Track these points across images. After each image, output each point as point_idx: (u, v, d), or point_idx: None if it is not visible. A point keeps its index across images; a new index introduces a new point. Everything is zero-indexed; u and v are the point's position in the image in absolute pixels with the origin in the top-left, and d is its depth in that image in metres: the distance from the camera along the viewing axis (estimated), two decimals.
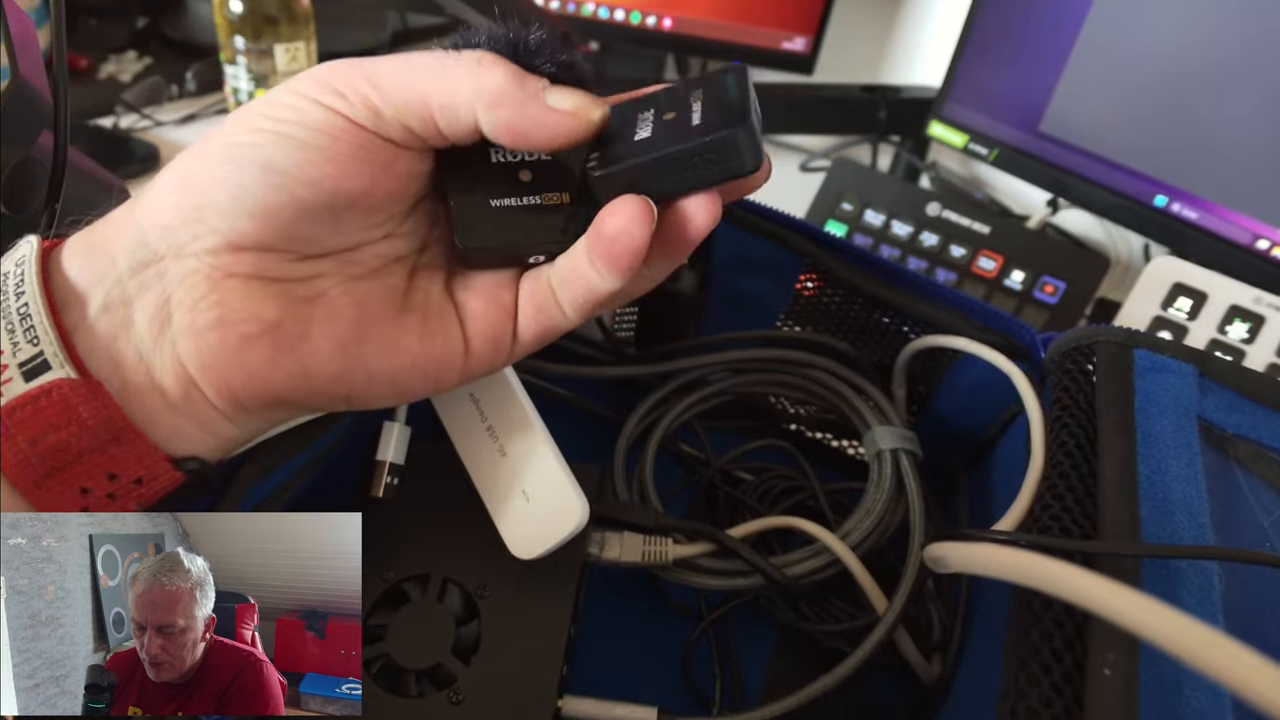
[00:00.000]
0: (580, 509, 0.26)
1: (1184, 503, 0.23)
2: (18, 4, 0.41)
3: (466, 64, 0.20)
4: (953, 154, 0.69)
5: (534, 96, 0.20)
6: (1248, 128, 0.49)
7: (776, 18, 0.73)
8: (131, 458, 0.20)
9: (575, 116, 0.21)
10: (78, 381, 0.19)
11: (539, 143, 0.21)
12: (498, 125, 0.20)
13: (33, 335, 0.19)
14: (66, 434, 0.19)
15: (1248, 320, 0.47)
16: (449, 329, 0.23)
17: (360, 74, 0.20)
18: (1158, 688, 0.19)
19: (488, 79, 0.20)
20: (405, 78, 0.20)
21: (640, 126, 0.22)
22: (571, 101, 0.21)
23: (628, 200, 0.21)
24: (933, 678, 0.30)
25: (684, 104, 0.22)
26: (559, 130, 0.21)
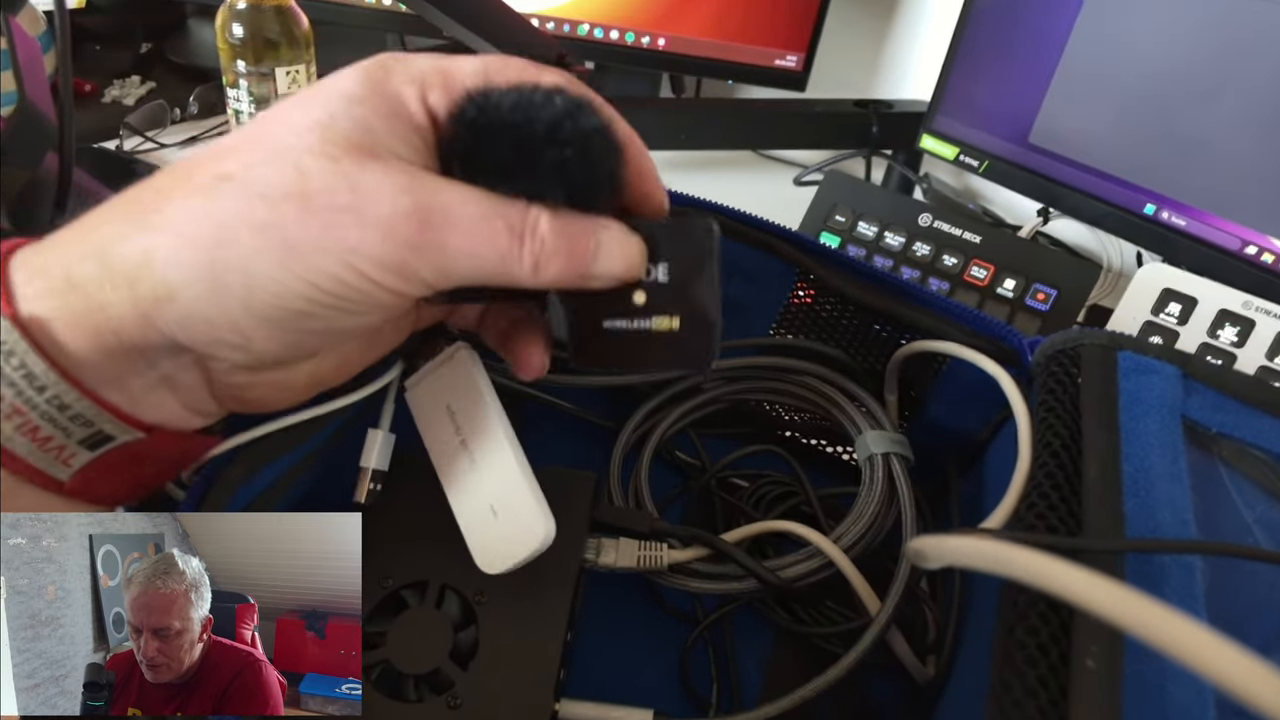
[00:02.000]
0: (543, 529, 0.26)
1: (1167, 499, 0.24)
2: (25, 30, 0.42)
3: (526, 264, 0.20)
4: (945, 166, 0.70)
5: (582, 275, 0.21)
6: (1233, 135, 0.50)
7: (769, 36, 0.74)
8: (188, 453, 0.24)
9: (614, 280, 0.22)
10: (148, 439, 0.21)
11: None
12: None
13: (82, 420, 0.20)
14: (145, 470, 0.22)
15: (1237, 324, 0.47)
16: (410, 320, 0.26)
17: (430, 270, 0.20)
18: (1141, 681, 0.19)
19: (545, 278, 0.21)
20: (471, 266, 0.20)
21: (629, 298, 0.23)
22: (615, 273, 0.22)
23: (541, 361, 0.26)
24: (926, 678, 0.30)
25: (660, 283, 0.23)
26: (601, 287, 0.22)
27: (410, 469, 0.30)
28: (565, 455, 0.41)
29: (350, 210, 0.19)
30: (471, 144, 0.20)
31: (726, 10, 0.73)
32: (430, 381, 0.29)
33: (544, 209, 0.20)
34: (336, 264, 0.19)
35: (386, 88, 0.20)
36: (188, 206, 0.19)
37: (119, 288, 0.19)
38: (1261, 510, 0.25)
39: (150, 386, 0.21)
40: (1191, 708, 0.19)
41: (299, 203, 0.18)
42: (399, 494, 0.30)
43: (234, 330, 0.19)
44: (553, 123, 0.20)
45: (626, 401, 0.40)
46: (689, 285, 0.23)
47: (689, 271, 0.23)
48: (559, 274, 0.21)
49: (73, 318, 0.19)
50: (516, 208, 0.20)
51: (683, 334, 0.23)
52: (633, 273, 0.22)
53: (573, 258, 0.21)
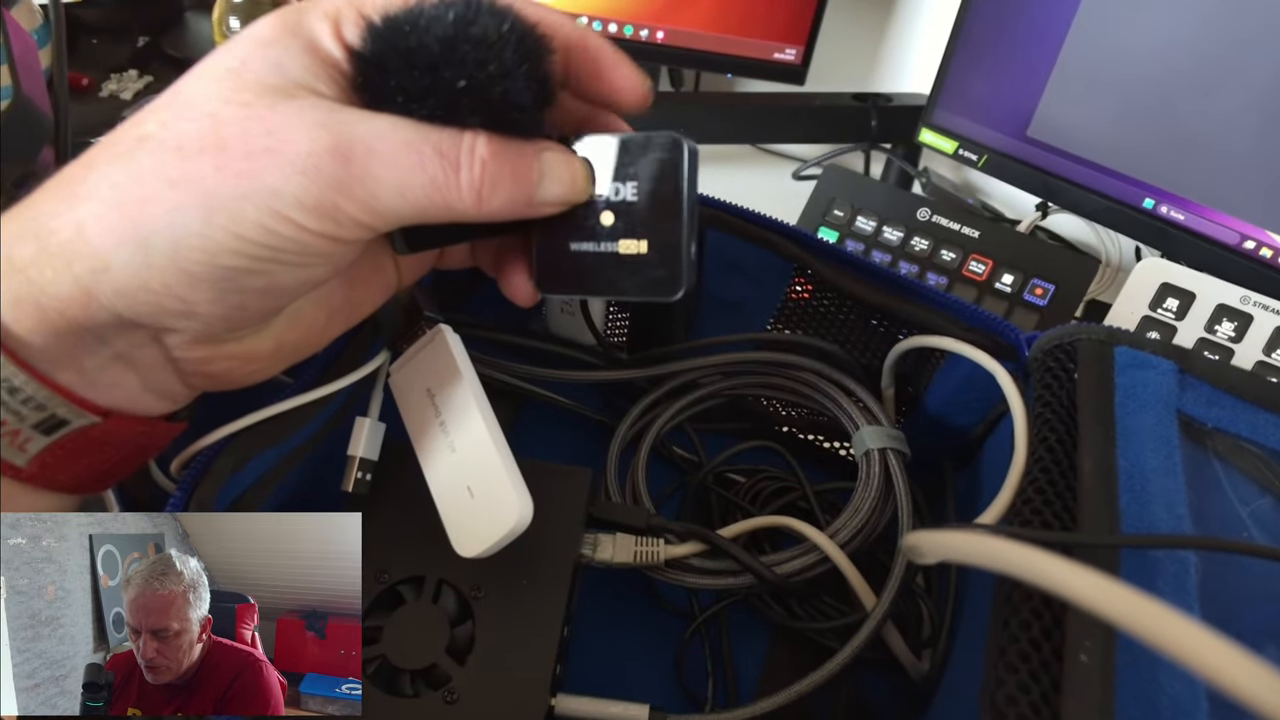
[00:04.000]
0: (519, 507, 0.26)
1: (1162, 494, 0.24)
2: (20, 24, 0.42)
3: (467, 193, 0.20)
4: (944, 160, 0.70)
5: (527, 203, 0.21)
6: (1232, 129, 0.50)
7: (767, 29, 0.74)
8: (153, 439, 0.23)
9: (561, 204, 0.22)
10: (105, 423, 0.21)
11: None
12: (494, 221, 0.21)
13: (34, 404, 0.19)
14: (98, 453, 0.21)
15: (1235, 319, 0.47)
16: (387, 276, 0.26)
17: (356, 205, 0.19)
18: (1134, 674, 0.20)
19: (490, 208, 0.20)
20: (404, 204, 0.19)
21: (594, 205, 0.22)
22: (562, 189, 0.22)
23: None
24: (922, 674, 0.30)
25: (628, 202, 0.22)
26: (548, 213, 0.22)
27: (403, 459, 0.30)
28: (562, 451, 0.41)
29: (267, 153, 0.18)
30: (375, 72, 0.19)
31: (725, 3, 0.73)
32: (412, 365, 0.29)
33: (480, 133, 0.20)
34: (259, 210, 0.18)
35: (299, 27, 0.20)
36: (110, 173, 0.18)
37: (56, 266, 0.18)
38: (1255, 505, 0.26)
39: (105, 365, 0.20)
40: (1184, 701, 0.19)
41: (214, 152, 0.18)
42: (393, 486, 0.30)
43: (172, 296, 0.19)
44: (446, 35, 0.18)
45: (623, 397, 0.40)
46: (657, 205, 0.22)
47: (657, 190, 0.22)
48: (505, 201, 0.20)
49: (16, 300, 0.18)
50: (448, 134, 0.19)
51: (650, 257, 0.22)
52: (578, 195, 0.22)
53: (518, 183, 0.20)
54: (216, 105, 0.18)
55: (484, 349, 0.40)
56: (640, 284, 0.22)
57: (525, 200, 0.21)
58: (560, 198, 0.22)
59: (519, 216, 0.21)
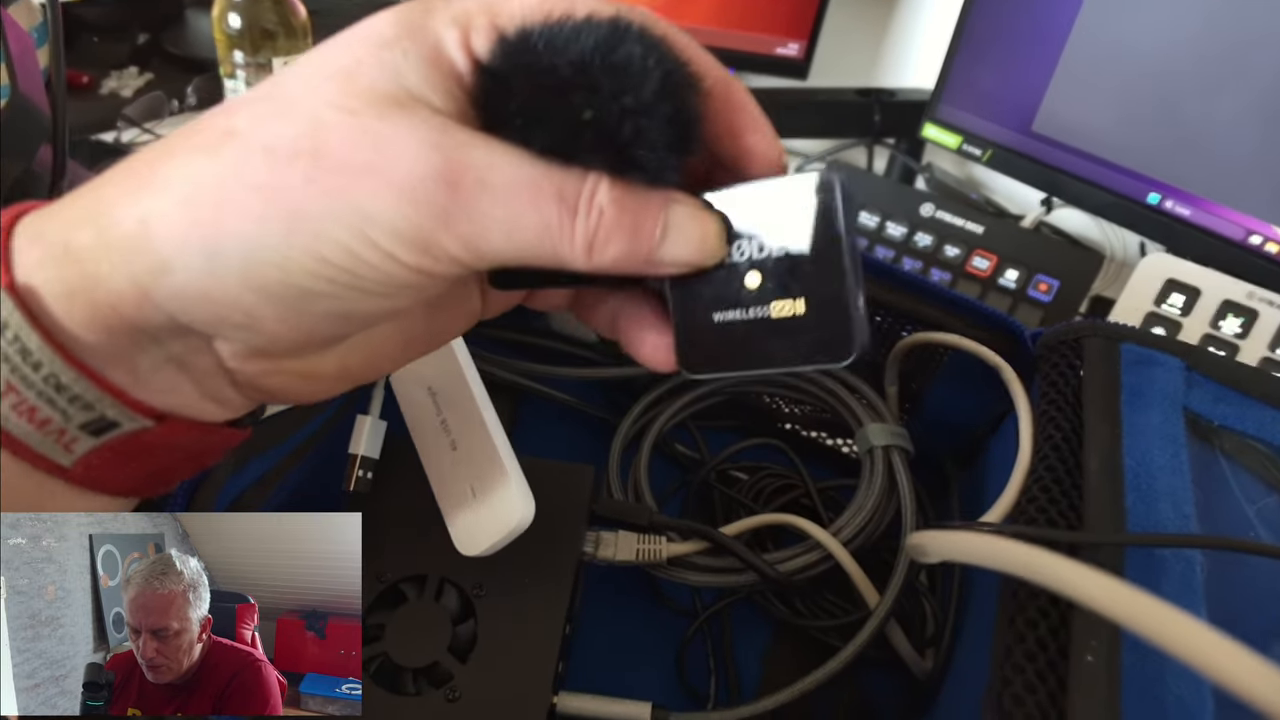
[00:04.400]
0: (521, 506, 0.25)
1: (1168, 492, 0.23)
2: (18, 22, 0.42)
3: (579, 243, 0.17)
4: (948, 155, 0.70)
5: (648, 261, 0.18)
6: (1238, 124, 0.49)
7: (770, 24, 0.73)
8: (210, 445, 0.21)
9: (691, 266, 0.19)
10: (159, 428, 0.19)
11: None
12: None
13: (82, 403, 0.18)
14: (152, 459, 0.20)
15: (1240, 315, 0.47)
16: (472, 305, 0.23)
17: (458, 242, 0.17)
18: (1140, 674, 0.19)
19: (602, 261, 0.18)
20: (509, 240, 0.17)
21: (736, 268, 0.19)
22: (687, 258, 0.19)
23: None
24: (925, 672, 0.30)
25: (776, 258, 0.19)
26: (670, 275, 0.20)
27: (405, 457, 0.30)
28: (564, 448, 0.41)
29: (367, 171, 0.16)
30: (498, 90, 0.17)
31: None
32: (413, 364, 0.29)
33: (604, 176, 0.17)
34: (348, 234, 0.16)
35: (424, 30, 0.17)
36: (188, 166, 0.17)
37: (114, 260, 0.17)
38: (1262, 503, 0.25)
39: (158, 366, 0.19)
40: (1190, 702, 0.19)
41: (308, 161, 0.16)
42: (395, 484, 0.30)
43: (237, 309, 0.17)
44: (582, 58, 0.16)
45: (625, 394, 0.40)
46: (812, 257, 0.19)
47: (811, 239, 0.19)
48: (618, 256, 0.18)
49: (69, 290, 0.17)
50: (570, 174, 0.17)
51: (810, 318, 0.19)
52: (708, 257, 0.19)
53: (636, 238, 0.18)
54: (319, 107, 0.16)
55: (485, 346, 0.40)
56: (803, 350, 0.19)
57: (643, 258, 0.18)
58: (685, 259, 0.19)
59: (635, 274, 0.19)
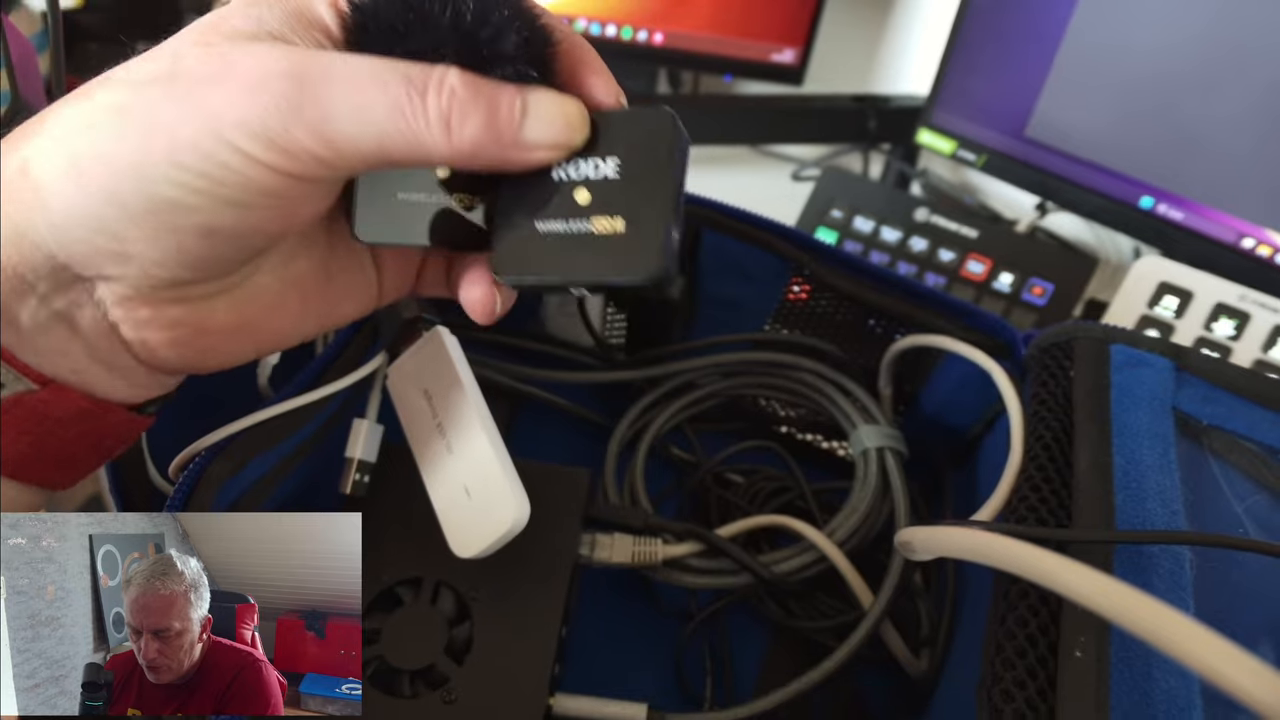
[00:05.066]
0: (516, 508, 0.25)
1: (1157, 490, 0.24)
2: (19, 30, 0.42)
3: (435, 122, 0.18)
4: (943, 161, 0.70)
5: (512, 144, 0.19)
6: (1231, 128, 0.50)
7: (766, 30, 0.74)
8: (109, 427, 0.21)
9: (554, 149, 0.19)
10: (42, 392, 0.19)
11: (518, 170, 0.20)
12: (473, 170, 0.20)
13: None
14: (43, 430, 0.19)
15: (1233, 317, 0.47)
16: (369, 278, 0.24)
17: (309, 132, 0.17)
18: (1129, 669, 0.20)
19: (462, 140, 0.18)
20: (364, 136, 0.18)
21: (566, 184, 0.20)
22: (551, 134, 0.19)
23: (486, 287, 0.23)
24: (920, 672, 0.31)
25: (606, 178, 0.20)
26: (540, 163, 0.20)
27: (401, 461, 0.30)
28: (560, 452, 0.42)
29: (218, 79, 0.17)
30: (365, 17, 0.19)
31: (724, 5, 0.73)
32: (408, 367, 0.29)
33: (453, 65, 0.18)
34: (200, 133, 0.17)
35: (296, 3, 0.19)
36: (64, 110, 0.18)
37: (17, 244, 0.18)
38: (1251, 501, 0.26)
39: (45, 325, 0.19)
40: (1178, 695, 0.19)
41: (165, 81, 0.17)
42: (391, 487, 0.31)
43: (106, 232, 0.18)
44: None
45: (621, 398, 0.40)
46: (640, 182, 0.20)
47: (641, 167, 0.20)
48: (477, 134, 0.18)
49: None
50: (417, 66, 0.18)
51: (627, 237, 0.20)
52: (575, 136, 0.19)
53: (494, 115, 0.18)
54: (180, 45, 0.18)
55: (481, 350, 0.40)
56: (610, 265, 0.20)
57: (508, 139, 0.18)
58: (550, 139, 0.19)
59: (500, 162, 0.19)
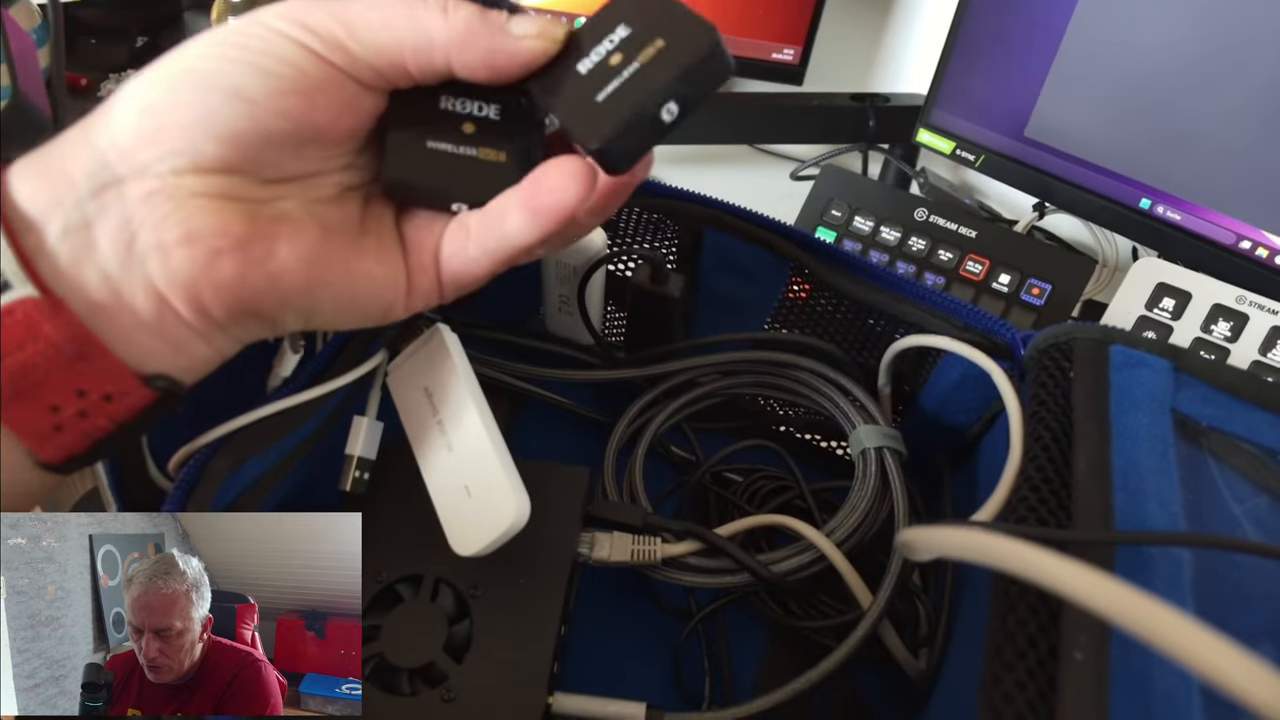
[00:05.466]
0: (516, 506, 0.26)
1: (1156, 492, 0.24)
2: (19, 25, 0.42)
3: (433, 7, 0.21)
4: (942, 160, 0.70)
5: (500, 30, 0.22)
6: (1229, 130, 0.50)
7: (765, 29, 0.74)
8: (98, 374, 0.20)
9: (541, 37, 0.22)
10: (40, 299, 0.19)
11: (512, 72, 0.22)
12: (470, 65, 0.22)
13: None
14: (32, 351, 0.19)
15: (1231, 319, 0.47)
16: (396, 258, 0.24)
17: (331, 15, 0.21)
18: (1128, 670, 0.20)
19: (457, 21, 0.21)
20: (377, 22, 0.21)
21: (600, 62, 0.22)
22: (535, 25, 0.22)
23: (570, 161, 0.22)
24: (918, 672, 0.31)
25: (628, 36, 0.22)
26: (529, 54, 0.22)
27: (402, 459, 0.30)
28: (560, 450, 0.42)
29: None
30: None
31: (723, 4, 0.73)
32: (409, 365, 0.29)
33: None
34: (243, 22, 0.21)
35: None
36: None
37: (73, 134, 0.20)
38: (1251, 503, 0.26)
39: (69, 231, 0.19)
40: (1177, 696, 0.20)
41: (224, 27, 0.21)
42: (391, 485, 0.31)
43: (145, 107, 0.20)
44: None
45: (621, 396, 0.40)
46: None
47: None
48: (470, 15, 0.21)
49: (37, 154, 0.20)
50: None
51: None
52: (552, 37, 0.22)
53: (483, 10, 0.21)
54: None
55: (482, 348, 0.40)
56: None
57: (497, 25, 0.22)
58: (537, 29, 0.22)
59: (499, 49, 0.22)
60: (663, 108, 0.21)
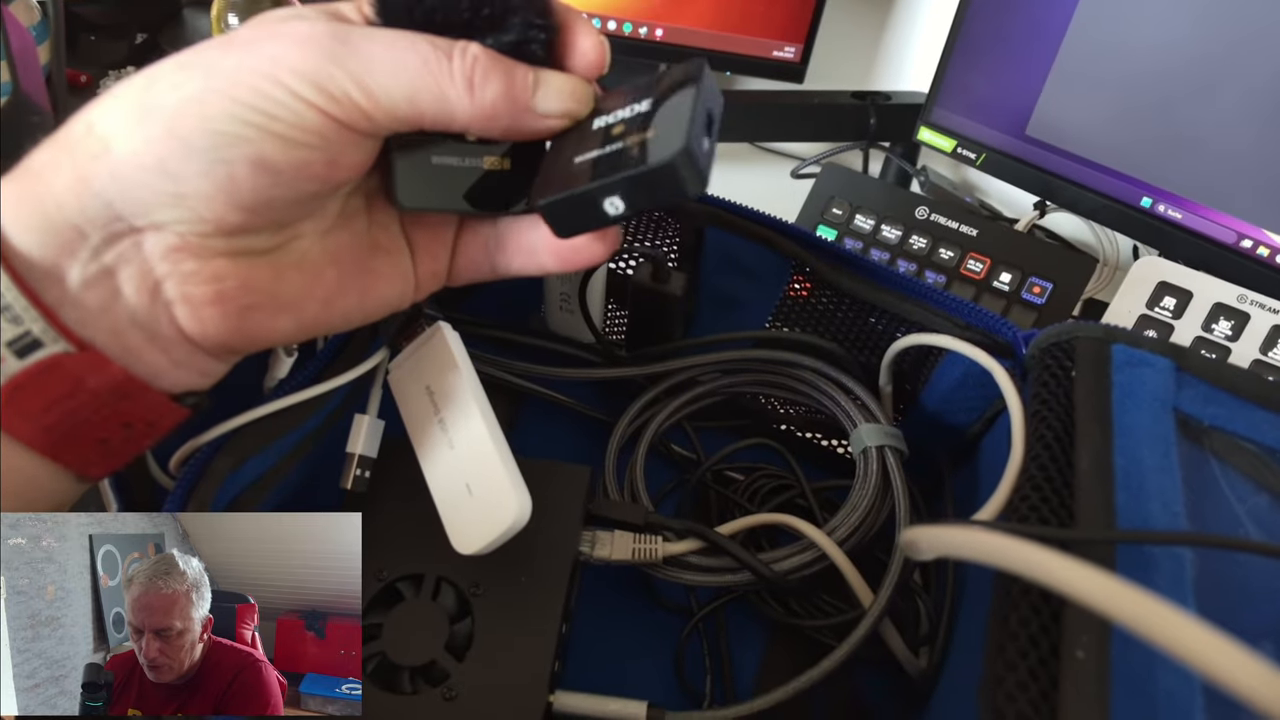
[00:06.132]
0: (517, 504, 0.26)
1: (1158, 491, 0.24)
2: (19, 21, 0.42)
3: (459, 80, 0.20)
4: (943, 159, 0.70)
5: (525, 110, 0.21)
6: (1230, 128, 0.50)
7: (767, 27, 0.73)
8: (141, 409, 0.21)
9: (565, 117, 0.22)
10: (79, 355, 0.19)
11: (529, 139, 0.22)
12: (490, 134, 0.22)
13: (12, 315, 0.19)
14: (77, 402, 0.20)
15: (1232, 318, 0.47)
16: (405, 263, 0.25)
17: (350, 79, 0.20)
18: (1129, 668, 0.20)
19: (484, 100, 0.21)
20: (400, 94, 0.20)
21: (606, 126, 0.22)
22: (562, 104, 0.22)
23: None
24: (919, 671, 0.31)
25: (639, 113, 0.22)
26: (549, 130, 0.22)
27: (403, 457, 0.30)
28: (561, 449, 0.42)
29: (271, 37, 0.20)
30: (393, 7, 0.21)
31: (725, 1, 0.73)
32: (411, 363, 0.29)
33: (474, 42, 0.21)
34: (256, 75, 0.19)
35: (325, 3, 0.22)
36: (126, 81, 0.20)
37: (62, 160, 0.19)
38: (1252, 502, 0.26)
39: (92, 280, 0.19)
40: (1180, 696, 0.19)
41: (222, 44, 0.20)
42: (392, 483, 0.30)
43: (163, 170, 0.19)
44: None
45: (622, 395, 0.40)
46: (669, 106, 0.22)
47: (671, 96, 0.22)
48: (497, 97, 0.21)
49: (19, 198, 0.19)
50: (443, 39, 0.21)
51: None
52: (583, 105, 0.22)
53: (510, 82, 0.21)
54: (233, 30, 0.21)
55: (483, 347, 0.40)
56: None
57: (522, 103, 0.21)
58: (560, 108, 0.22)
59: (519, 126, 0.22)
60: (605, 200, 0.21)
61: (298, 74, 0.19)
